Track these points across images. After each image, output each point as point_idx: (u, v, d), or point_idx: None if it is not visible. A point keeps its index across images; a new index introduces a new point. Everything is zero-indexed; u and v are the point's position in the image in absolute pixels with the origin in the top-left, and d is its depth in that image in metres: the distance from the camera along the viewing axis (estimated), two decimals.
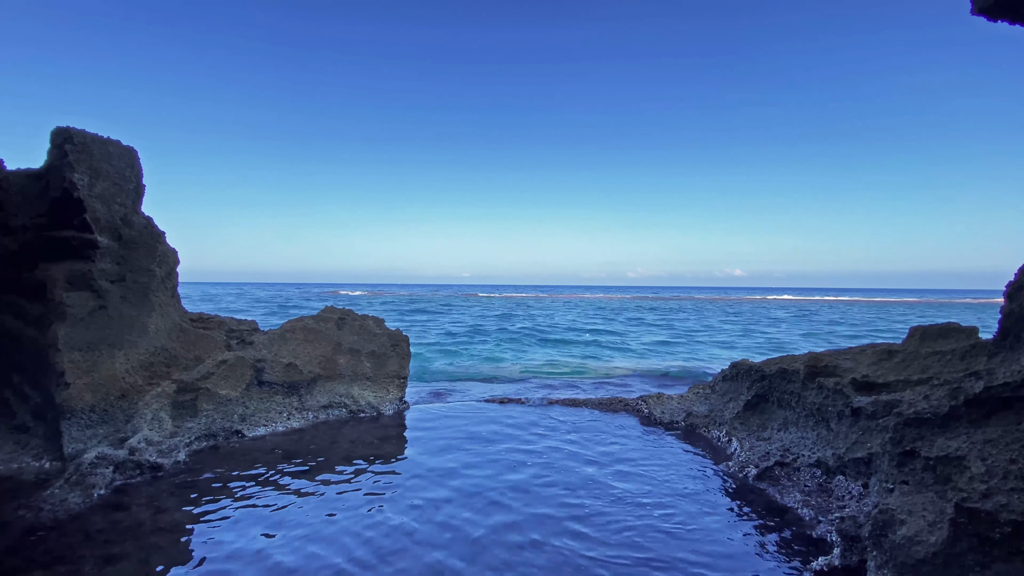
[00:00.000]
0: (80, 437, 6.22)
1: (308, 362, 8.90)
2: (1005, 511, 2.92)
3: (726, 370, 8.72)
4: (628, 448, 7.44)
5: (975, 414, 3.37)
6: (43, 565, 4.12)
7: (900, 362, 5.81)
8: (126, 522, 4.88)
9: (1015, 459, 3.03)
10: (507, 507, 5.33)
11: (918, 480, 3.53)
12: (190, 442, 6.96)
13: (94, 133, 6.54)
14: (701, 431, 8.33)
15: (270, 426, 8.02)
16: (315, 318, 9.69)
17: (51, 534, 4.61)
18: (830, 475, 5.60)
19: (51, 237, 6.43)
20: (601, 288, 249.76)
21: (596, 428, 8.52)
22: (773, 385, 7.10)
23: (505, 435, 8.01)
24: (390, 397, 9.74)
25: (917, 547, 3.23)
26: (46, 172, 6.51)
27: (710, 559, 4.38)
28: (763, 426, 7.21)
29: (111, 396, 6.52)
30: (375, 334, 10.03)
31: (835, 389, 5.85)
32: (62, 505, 5.11)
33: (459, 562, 4.27)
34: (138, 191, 7.16)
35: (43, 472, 6.00)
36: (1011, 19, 3.28)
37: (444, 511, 5.21)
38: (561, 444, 7.57)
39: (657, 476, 6.31)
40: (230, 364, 7.82)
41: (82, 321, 6.41)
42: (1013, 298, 3.53)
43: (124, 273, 6.91)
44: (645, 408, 9.60)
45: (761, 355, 18.03)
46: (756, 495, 5.76)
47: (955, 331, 5.65)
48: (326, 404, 8.92)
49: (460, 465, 6.60)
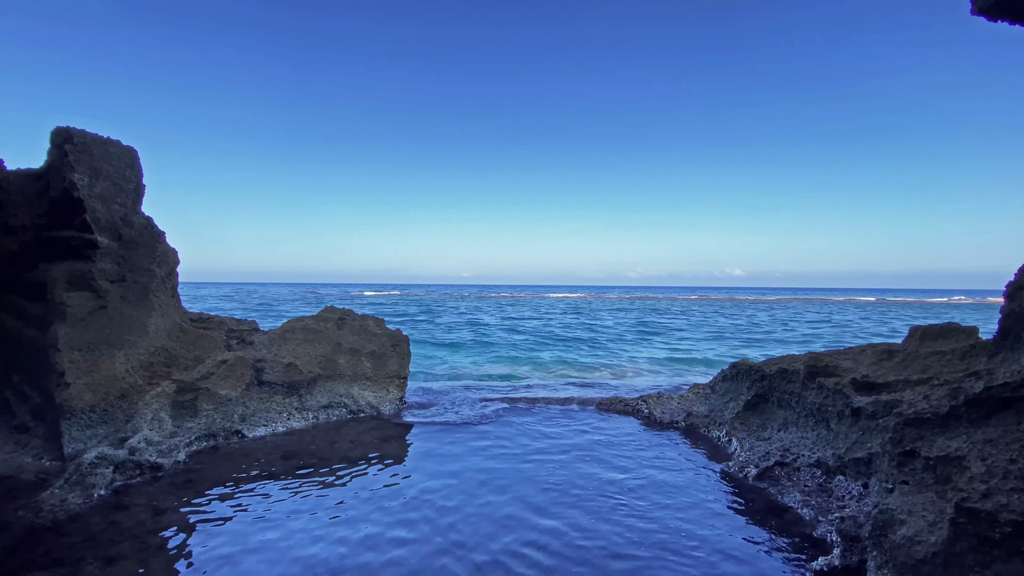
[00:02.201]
0: (80, 437, 6.22)
1: (308, 362, 8.90)
2: (1005, 511, 2.92)
3: (726, 370, 8.72)
4: (628, 448, 7.44)
5: (975, 414, 3.37)
6: (43, 565, 4.12)
7: (900, 362, 5.82)
8: (126, 522, 4.88)
9: (1015, 459, 3.03)
10: (507, 506, 5.33)
11: (918, 480, 3.53)
12: (190, 442, 6.96)
13: (94, 133, 6.54)
14: (701, 431, 8.33)
15: (270, 426, 8.02)
16: (315, 318, 9.70)
17: (51, 534, 4.61)
18: (830, 475, 5.60)
19: (51, 237, 6.43)
20: (601, 288, 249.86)
21: (596, 428, 8.52)
22: (773, 385, 7.10)
23: (505, 435, 8.02)
24: (390, 397, 9.74)
25: (917, 547, 3.23)
26: (46, 172, 6.51)
27: (710, 559, 4.38)
28: (763, 426, 7.22)
29: (111, 396, 6.52)
30: (375, 334, 10.03)
31: (835, 389, 5.86)
32: (62, 505, 5.11)
33: (459, 562, 4.27)
34: (138, 191, 7.17)
35: (43, 472, 5.99)
36: (1011, 19, 3.29)
37: (444, 511, 5.21)
38: (561, 443, 7.57)
39: (657, 476, 6.31)
40: (230, 364, 7.82)
41: (82, 321, 6.41)
42: (1013, 298, 3.53)
43: (124, 273, 6.91)
44: (645, 408, 9.60)
45: (761, 354, 18.07)
46: (756, 495, 5.76)
47: (955, 331, 5.66)
48: (326, 404, 8.92)
49: (460, 465, 6.61)
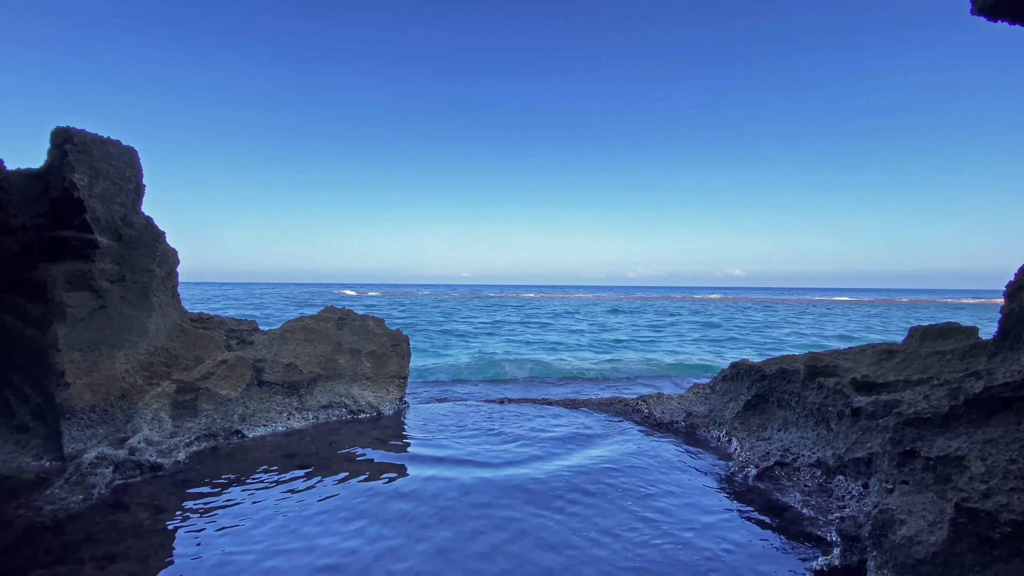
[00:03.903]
0: (80, 437, 6.22)
1: (308, 362, 8.90)
2: (1005, 511, 2.92)
3: (726, 370, 8.72)
4: (627, 448, 7.44)
5: (975, 414, 3.37)
6: (43, 565, 4.12)
7: (900, 362, 5.82)
8: (126, 522, 4.88)
9: (1015, 459, 3.03)
10: (507, 506, 5.33)
11: (918, 480, 3.53)
12: (190, 442, 6.96)
13: (94, 133, 6.54)
14: (701, 431, 8.33)
15: (270, 426, 8.02)
16: (315, 318, 9.70)
17: (51, 534, 4.61)
18: (830, 475, 5.60)
19: (51, 237, 6.43)
20: (601, 288, 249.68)
21: (596, 428, 8.52)
22: (773, 385, 7.10)
23: (505, 435, 8.02)
24: (390, 397, 9.74)
25: (917, 547, 3.23)
26: (46, 172, 6.51)
27: (710, 559, 4.38)
28: (763, 426, 7.21)
29: (111, 396, 6.52)
30: (375, 334, 10.03)
31: (835, 389, 5.86)
32: (62, 505, 5.11)
33: (460, 562, 4.27)
34: (138, 191, 7.17)
35: (43, 472, 5.99)
36: (1011, 19, 3.29)
37: (444, 511, 5.21)
38: (561, 443, 7.57)
39: (656, 476, 6.31)
40: (230, 364, 7.82)
41: (82, 321, 6.41)
42: (1013, 298, 3.53)
43: (124, 273, 6.91)
44: (645, 408, 9.60)
45: (760, 354, 18.07)
46: (756, 495, 5.76)
47: (955, 331, 5.65)
48: (326, 404, 8.92)
49: (460, 464, 6.60)
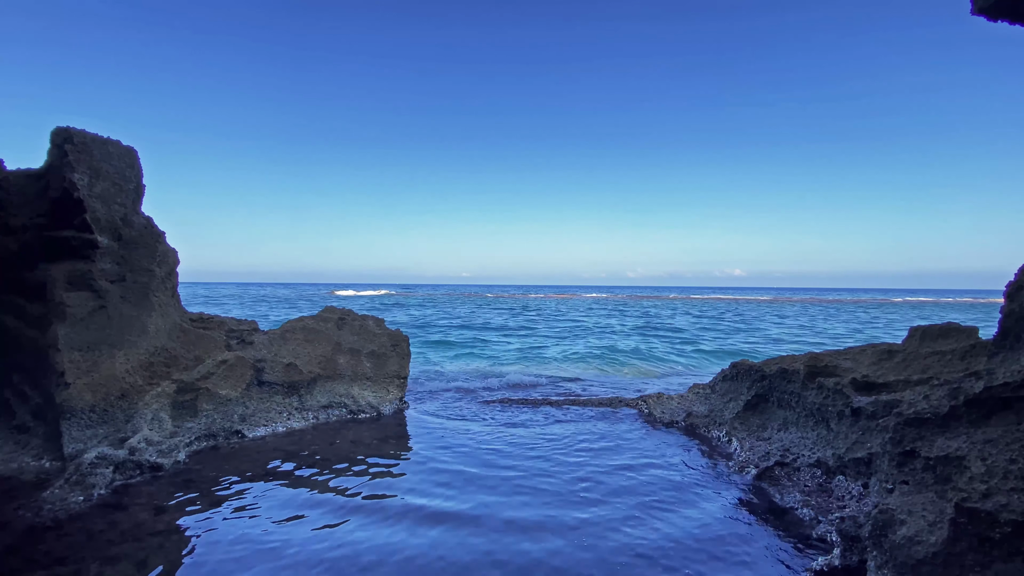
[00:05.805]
0: (80, 437, 6.22)
1: (308, 362, 8.90)
2: (1005, 511, 2.92)
3: (726, 370, 8.72)
4: (627, 447, 7.44)
5: (975, 414, 3.37)
6: (43, 565, 4.12)
7: (900, 362, 5.82)
8: (126, 522, 4.88)
9: (1015, 459, 3.03)
10: (506, 506, 5.33)
11: (918, 480, 3.53)
12: (190, 442, 6.96)
13: (94, 133, 6.54)
14: (701, 431, 8.33)
15: (270, 426, 8.02)
16: (315, 318, 9.70)
17: (51, 534, 4.61)
18: (830, 475, 5.60)
19: (51, 237, 6.43)
20: (601, 288, 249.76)
21: (596, 427, 8.52)
22: (773, 385, 7.10)
23: (505, 435, 8.02)
24: (390, 397, 9.74)
25: (917, 547, 3.23)
26: (46, 172, 6.51)
27: (710, 559, 4.38)
28: (763, 426, 7.22)
29: (111, 396, 6.52)
30: (375, 334, 10.03)
31: (835, 389, 5.85)
32: (62, 505, 5.11)
33: (459, 563, 4.27)
34: (138, 191, 7.17)
35: (43, 472, 5.99)
36: (1011, 19, 3.29)
37: (444, 511, 5.21)
38: (561, 443, 7.57)
39: (656, 475, 6.31)
40: (230, 364, 7.82)
41: (82, 321, 6.41)
42: (1013, 298, 3.53)
43: (124, 273, 6.91)
44: (645, 408, 9.60)
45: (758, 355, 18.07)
46: (756, 495, 5.76)
47: (955, 331, 5.65)
48: (326, 404, 8.92)
49: (460, 465, 6.61)
